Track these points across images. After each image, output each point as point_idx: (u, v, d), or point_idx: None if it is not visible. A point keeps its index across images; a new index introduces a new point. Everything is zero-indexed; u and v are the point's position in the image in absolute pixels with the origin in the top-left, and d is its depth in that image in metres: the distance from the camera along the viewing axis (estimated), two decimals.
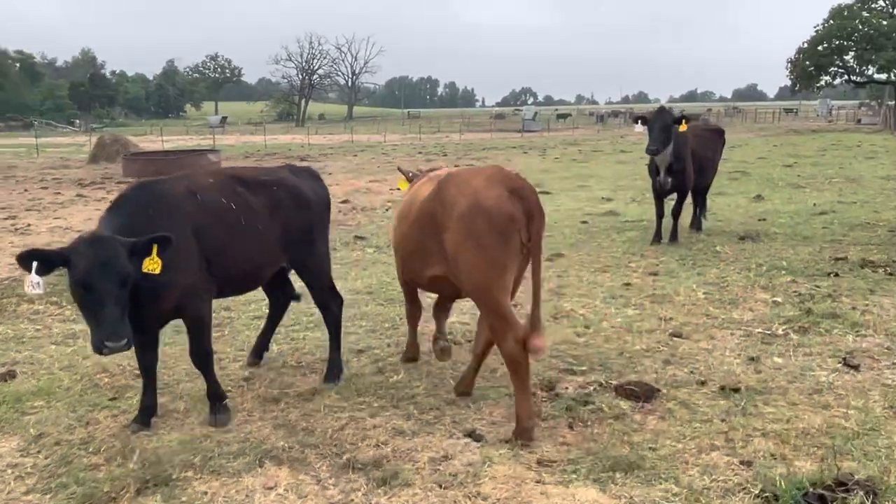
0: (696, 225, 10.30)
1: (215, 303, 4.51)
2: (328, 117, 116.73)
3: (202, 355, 4.37)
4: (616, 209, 12.63)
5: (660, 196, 9.63)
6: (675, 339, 5.63)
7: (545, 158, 27.13)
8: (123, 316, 3.66)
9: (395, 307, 6.67)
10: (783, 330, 5.78)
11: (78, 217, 13.31)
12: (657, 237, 9.61)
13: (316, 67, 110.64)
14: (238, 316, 6.59)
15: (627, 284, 7.46)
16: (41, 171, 24.58)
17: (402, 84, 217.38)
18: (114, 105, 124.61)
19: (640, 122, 9.23)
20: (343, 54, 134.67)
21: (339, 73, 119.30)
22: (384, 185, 17.35)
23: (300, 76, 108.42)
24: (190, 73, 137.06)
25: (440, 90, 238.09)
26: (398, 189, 5.91)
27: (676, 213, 9.62)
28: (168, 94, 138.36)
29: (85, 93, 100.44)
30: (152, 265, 3.77)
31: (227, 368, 5.25)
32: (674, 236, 9.57)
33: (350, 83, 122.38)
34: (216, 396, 4.45)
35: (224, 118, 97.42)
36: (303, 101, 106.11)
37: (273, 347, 5.56)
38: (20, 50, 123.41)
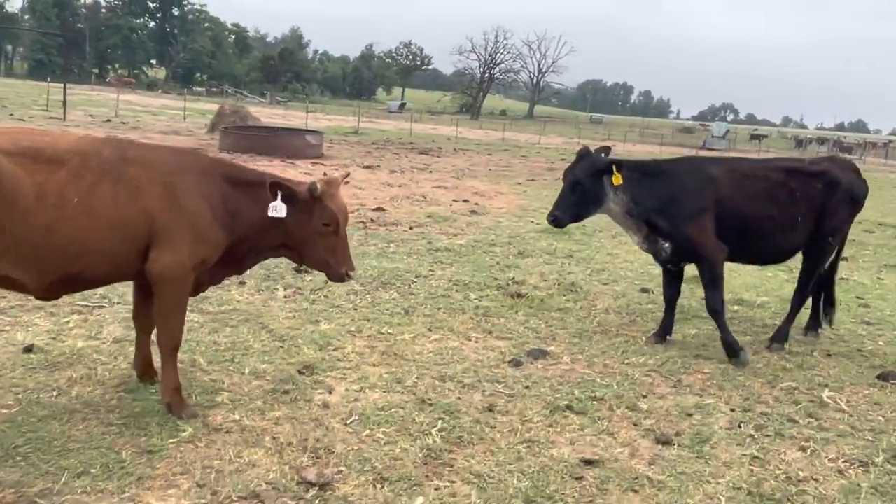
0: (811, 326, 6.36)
1: None
2: (510, 114, 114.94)
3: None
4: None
5: (664, 266, 5.91)
6: None
7: None
8: None
9: None
10: None
11: None
12: (661, 333, 5.84)
13: (498, 62, 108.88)
14: None
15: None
16: (152, 134, 24.14)
17: (595, 87, 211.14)
18: (310, 82, 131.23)
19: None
20: (532, 51, 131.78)
21: (525, 70, 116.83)
22: (439, 193, 14.46)
23: (481, 69, 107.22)
24: (384, 57, 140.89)
25: (633, 97, 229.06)
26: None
27: (711, 308, 5.64)
28: (363, 77, 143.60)
29: (274, 67, 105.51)
30: None
31: None
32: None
33: (535, 81, 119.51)
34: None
35: (403, 104, 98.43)
36: (481, 95, 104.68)
37: None
38: (236, 23, 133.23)
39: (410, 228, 10.15)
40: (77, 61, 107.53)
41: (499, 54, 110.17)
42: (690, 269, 5.83)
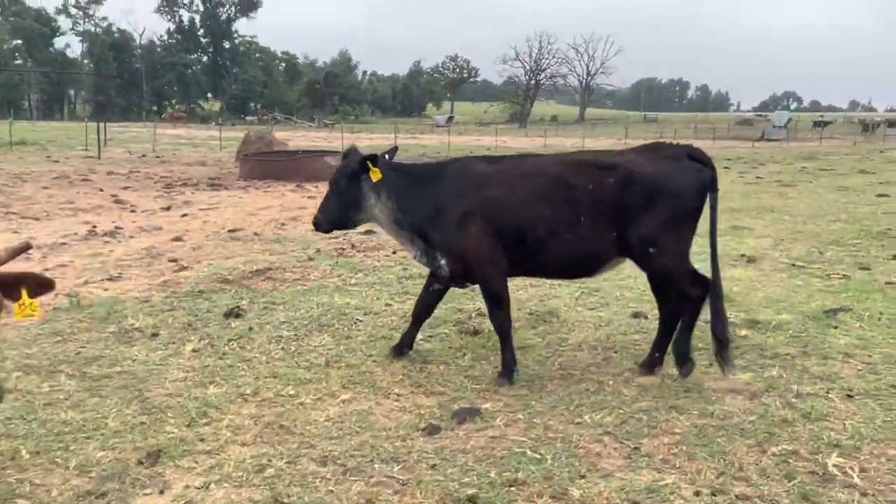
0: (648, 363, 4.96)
1: None
2: (561, 119, 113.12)
3: None
4: (725, 290, 7.52)
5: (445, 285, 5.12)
6: None
7: (744, 178, 21.07)
8: None
9: None
10: None
11: (45, 232, 11.08)
12: (398, 347, 5.18)
13: (544, 67, 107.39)
14: None
15: None
16: (176, 166, 23.92)
17: (650, 86, 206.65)
18: (360, 103, 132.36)
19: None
20: (579, 54, 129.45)
21: (573, 73, 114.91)
22: None
23: (526, 77, 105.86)
24: (431, 73, 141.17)
25: (690, 93, 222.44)
26: None
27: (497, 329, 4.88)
28: (412, 94, 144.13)
29: (319, 90, 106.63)
30: None
31: None
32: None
33: (584, 84, 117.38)
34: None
35: (451, 118, 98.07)
36: (528, 103, 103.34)
37: None
38: (286, 51, 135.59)
39: (393, 253, 9.17)
40: (136, 100, 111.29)
41: (543, 60, 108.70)
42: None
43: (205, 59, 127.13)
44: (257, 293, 6.94)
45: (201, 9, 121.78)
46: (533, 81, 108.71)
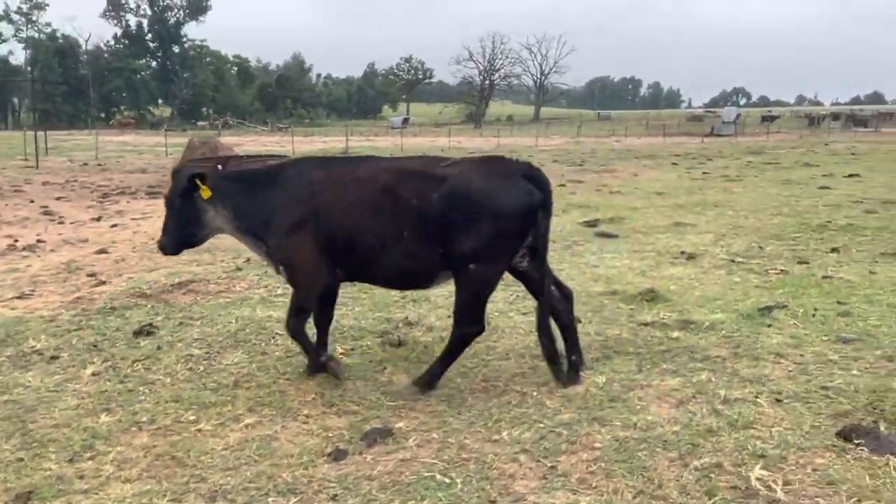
0: None
1: None
2: (517, 118, 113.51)
3: None
4: (662, 289, 7.28)
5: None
6: None
7: (691, 174, 21.20)
8: None
9: None
10: None
11: None
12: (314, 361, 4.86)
13: (497, 67, 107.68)
14: None
15: None
16: (117, 174, 23.16)
17: (603, 84, 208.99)
18: (315, 106, 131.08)
19: None
20: (533, 54, 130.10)
21: (527, 73, 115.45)
22: None
23: (481, 77, 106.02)
24: (386, 75, 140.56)
25: (643, 90, 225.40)
26: None
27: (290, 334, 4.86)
28: (367, 96, 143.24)
29: (271, 94, 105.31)
30: None
31: None
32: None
33: (538, 84, 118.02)
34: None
35: (406, 119, 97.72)
36: (483, 103, 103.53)
37: None
38: (238, 55, 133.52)
39: None
40: (83, 107, 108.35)
41: (497, 60, 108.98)
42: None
43: (154, 63, 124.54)
44: (175, 308, 6.56)
45: (148, 13, 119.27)
46: (487, 82, 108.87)
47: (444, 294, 6.90)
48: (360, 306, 6.56)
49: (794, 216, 11.56)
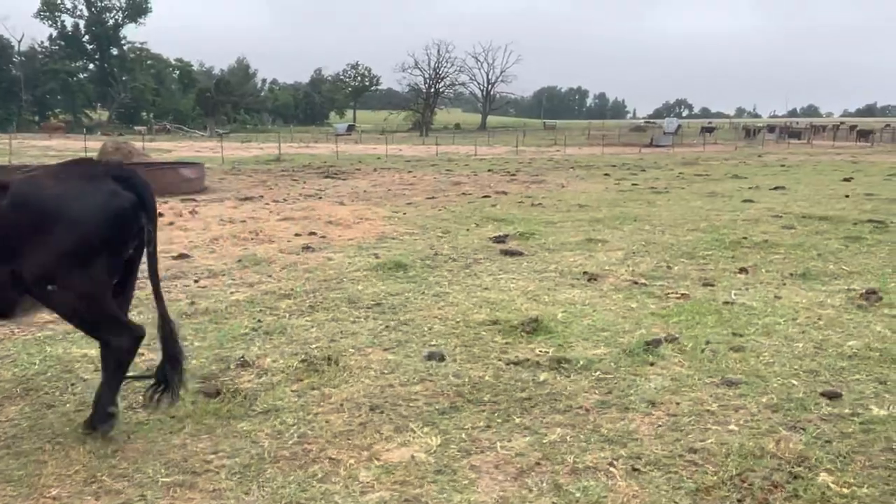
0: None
1: None
2: (464, 127, 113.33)
3: None
4: (548, 318, 6.59)
5: None
6: None
7: (619, 185, 20.83)
8: None
9: None
10: None
11: None
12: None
13: (443, 75, 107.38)
14: None
15: None
16: None
17: (550, 94, 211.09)
18: (260, 111, 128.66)
19: None
20: (479, 63, 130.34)
21: (474, 82, 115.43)
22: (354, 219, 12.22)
23: (426, 84, 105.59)
24: (333, 81, 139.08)
25: (589, 101, 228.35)
26: None
27: None
28: (314, 102, 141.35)
29: (210, 98, 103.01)
30: None
31: None
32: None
33: (485, 93, 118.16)
34: None
35: (351, 126, 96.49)
36: (427, 111, 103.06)
37: None
38: (179, 58, 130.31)
39: (196, 282, 7.95)
40: (14, 110, 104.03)
41: (442, 68, 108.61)
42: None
43: (91, 66, 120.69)
44: None
45: (86, 14, 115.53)
46: (432, 89, 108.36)
47: (303, 325, 6.11)
48: (200, 341, 5.71)
49: (711, 231, 11.09)
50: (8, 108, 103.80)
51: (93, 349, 5.39)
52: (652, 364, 5.02)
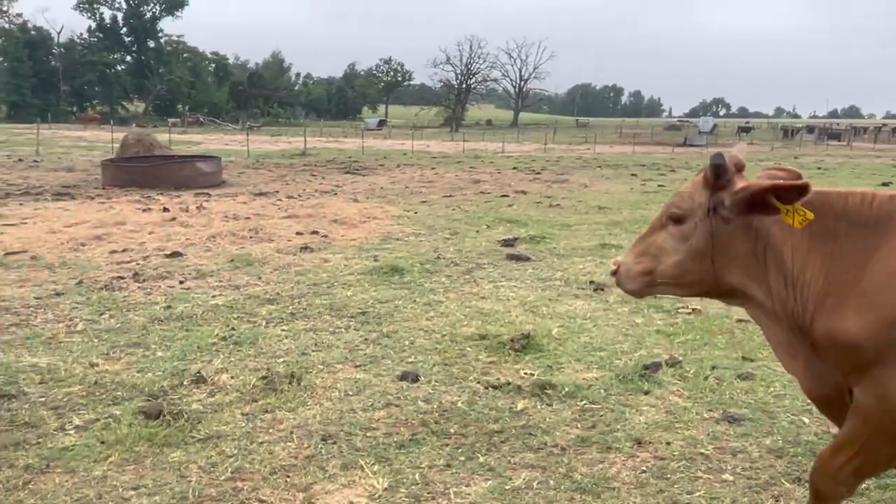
0: None
1: None
2: (496, 123, 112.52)
3: None
4: (541, 334, 6.17)
5: None
6: None
7: (645, 186, 20.15)
8: None
9: None
10: None
11: None
12: None
13: (475, 71, 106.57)
14: None
15: None
16: (42, 172, 21.66)
17: (585, 91, 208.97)
18: (294, 105, 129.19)
19: None
20: (512, 59, 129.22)
21: (506, 78, 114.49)
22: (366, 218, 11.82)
23: (458, 80, 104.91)
24: (366, 76, 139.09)
25: (624, 99, 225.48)
26: None
27: None
28: (347, 97, 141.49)
29: (243, 92, 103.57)
30: None
31: None
32: None
33: (518, 89, 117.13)
34: None
35: (382, 121, 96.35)
36: (458, 107, 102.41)
37: None
38: (215, 51, 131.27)
39: (181, 283, 7.59)
40: (53, 101, 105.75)
41: (474, 63, 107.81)
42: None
43: (128, 58, 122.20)
44: None
45: (124, 6, 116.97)
46: (464, 85, 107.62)
47: (277, 335, 5.69)
48: (164, 350, 5.33)
49: None
50: (47, 98, 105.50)
51: (54, 357, 5.06)
52: (647, 393, 4.50)
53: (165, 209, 12.84)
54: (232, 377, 4.74)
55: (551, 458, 3.64)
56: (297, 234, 10.68)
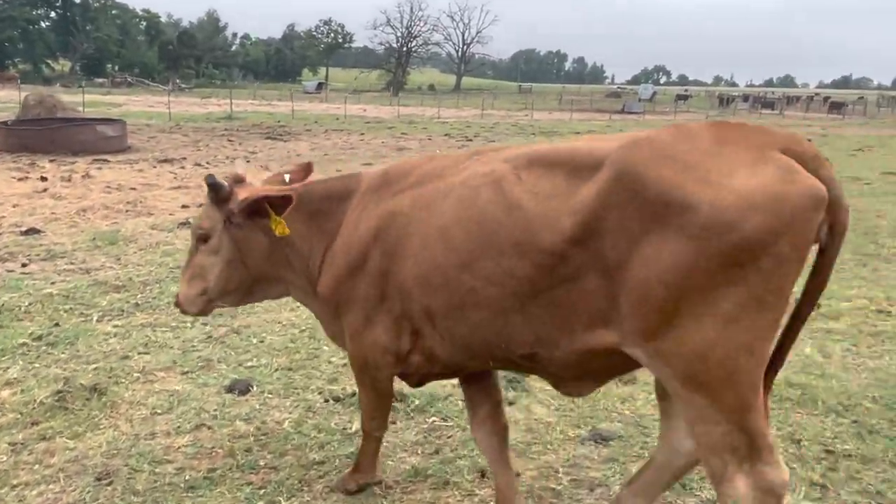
0: None
1: None
2: (439, 88, 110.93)
3: None
4: None
5: None
6: None
7: None
8: None
9: None
10: None
11: None
12: None
13: (416, 34, 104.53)
14: None
15: None
16: None
17: (529, 57, 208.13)
18: (230, 66, 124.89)
19: None
20: (455, 22, 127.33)
21: (449, 42, 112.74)
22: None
23: (398, 43, 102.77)
24: (305, 37, 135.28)
25: (568, 65, 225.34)
26: None
27: None
28: (286, 59, 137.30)
29: (172, 51, 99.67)
30: None
31: None
32: None
33: (460, 53, 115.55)
34: None
35: (321, 84, 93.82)
36: (399, 71, 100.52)
37: None
38: (146, 9, 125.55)
39: (23, 266, 6.67)
40: None
41: (415, 26, 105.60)
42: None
43: (52, 14, 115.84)
44: None
45: None
46: (405, 49, 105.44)
47: (107, 332, 4.87)
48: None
49: None
50: None
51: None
52: (511, 404, 3.89)
53: (43, 178, 11.68)
54: (21, 391, 3.94)
55: (370, 500, 2.98)
56: (183, 206, 9.75)
